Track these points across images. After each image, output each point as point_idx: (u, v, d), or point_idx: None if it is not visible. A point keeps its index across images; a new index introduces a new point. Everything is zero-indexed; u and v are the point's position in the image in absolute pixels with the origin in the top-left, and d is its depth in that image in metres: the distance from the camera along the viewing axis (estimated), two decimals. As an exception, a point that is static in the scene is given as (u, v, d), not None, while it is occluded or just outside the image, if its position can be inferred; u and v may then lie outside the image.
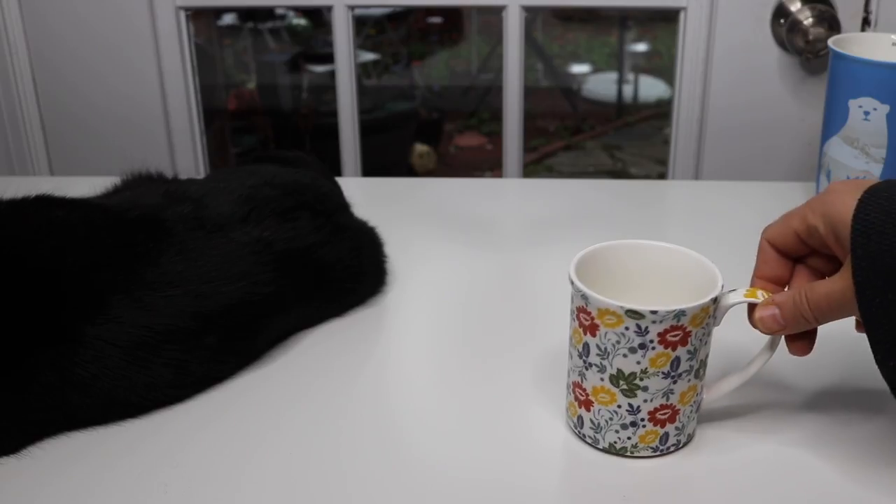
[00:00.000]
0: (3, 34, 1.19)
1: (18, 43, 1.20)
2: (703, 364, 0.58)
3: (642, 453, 0.59)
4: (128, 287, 0.62)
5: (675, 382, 0.57)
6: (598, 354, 0.57)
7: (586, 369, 0.58)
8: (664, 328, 0.55)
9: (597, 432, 0.59)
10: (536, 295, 0.80)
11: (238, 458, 0.60)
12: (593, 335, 0.57)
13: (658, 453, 0.59)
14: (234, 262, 0.67)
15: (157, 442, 0.61)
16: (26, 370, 0.58)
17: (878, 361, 0.52)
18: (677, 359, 0.56)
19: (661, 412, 0.57)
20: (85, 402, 0.61)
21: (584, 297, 0.56)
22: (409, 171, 2.56)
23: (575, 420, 0.61)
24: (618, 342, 0.56)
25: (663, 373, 0.56)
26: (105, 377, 0.60)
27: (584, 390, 0.59)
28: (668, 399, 0.57)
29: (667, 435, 0.58)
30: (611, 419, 0.58)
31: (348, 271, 0.76)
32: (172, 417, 0.64)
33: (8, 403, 0.59)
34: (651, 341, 0.55)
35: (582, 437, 0.60)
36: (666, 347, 0.55)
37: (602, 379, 0.57)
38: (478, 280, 0.83)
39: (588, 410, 0.59)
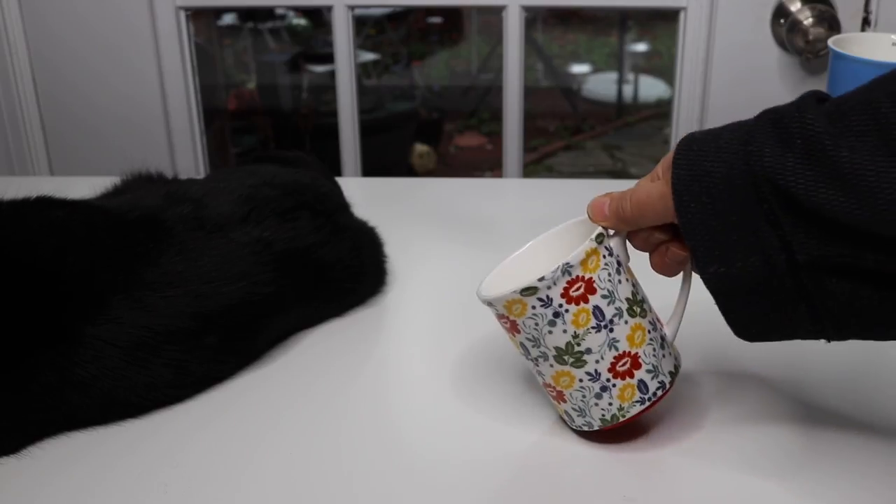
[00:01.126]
0: (3, 34, 1.19)
1: (18, 43, 1.20)
2: (636, 302, 0.57)
3: (633, 410, 0.57)
4: (128, 287, 0.62)
5: (612, 331, 0.56)
6: (533, 346, 0.57)
7: (537, 365, 0.58)
8: (562, 288, 0.54)
9: (584, 416, 0.59)
10: (536, 295, 0.80)
11: (238, 458, 0.60)
12: (519, 332, 0.57)
13: (648, 403, 0.58)
14: (234, 262, 0.67)
15: (157, 442, 0.61)
16: (26, 370, 0.58)
17: (698, 270, 0.52)
18: (597, 308, 0.55)
19: (620, 364, 0.56)
20: (85, 402, 0.61)
21: (489, 303, 0.57)
22: (409, 171, 2.56)
23: (565, 418, 0.60)
24: (537, 324, 0.55)
25: (594, 328, 0.55)
26: (105, 377, 0.60)
27: (550, 385, 0.59)
28: (617, 349, 0.56)
29: (643, 383, 0.57)
30: (584, 396, 0.58)
31: (348, 271, 0.76)
32: (172, 417, 0.64)
33: (8, 403, 0.59)
34: (560, 306, 0.55)
35: (580, 430, 0.60)
36: (578, 303, 0.55)
37: (551, 365, 0.57)
38: (478, 280, 0.83)
39: (564, 401, 0.59)
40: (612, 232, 0.57)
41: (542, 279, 0.54)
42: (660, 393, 0.58)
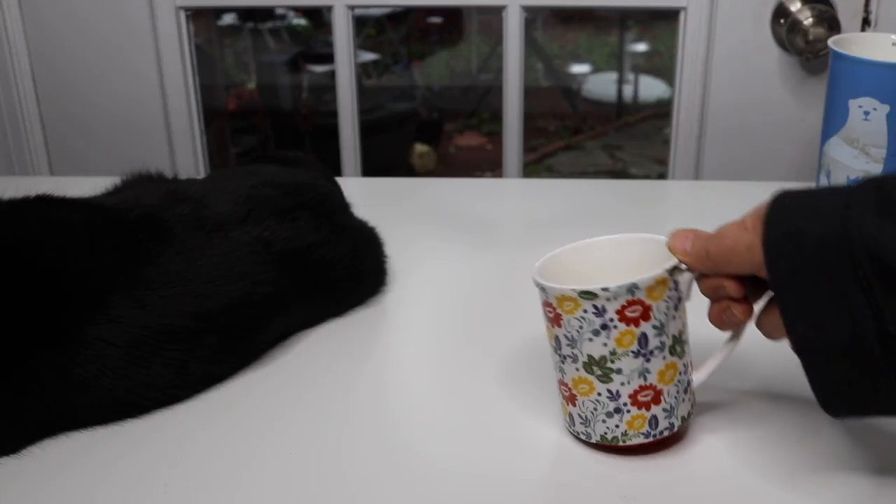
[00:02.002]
0: (3, 34, 1.19)
1: (18, 43, 1.20)
2: (679, 341, 0.58)
3: (634, 440, 0.58)
4: (128, 287, 0.62)
5: (648, 361, 0.56)
6: (567, 344, 0.57)
7: (563, 363, 0.58)
8: (621, 304, 0.54)
9: (586, 426, 0.59)
10: (536, 295, 0.80)
11: (238, 458, 0.60)
12: (559, 326, 0.57)
13: (651, 438, 0.58)
14: (234, 261, 0.67)
15: (157, 442, 0.61)
16: (26, 370, 0.58)
17: (786, 327, 0.52)
18: (644, 336, 0.55)
19: (643, 394, 0.57)
20: (85, 402, 0.61)
21: (543, 289, 0.57)
22: (409, 171, 2.56)
23: (568, 419, 0.60)
24: (581, 327, 0.55)
25: (633, 352, 0.56)
26: (105, 377, 0.60)
27: (567, 385, 0.59)
28: (645, 379, 0.56)
29: (655, 419, 0.57)
30: (595, 409, 0.58)
31: (348, 271, 0.76)
32: (172, 417, 0.64)
33: (8, 404, 0.59)
34: (611, 320, 0.55)
35: (576, 435, 0.60)
36: (628, 324, 0.55)
37: (577, 369, 0.57)
38: (478, 280, 0.83)
39: (574, 405, 0.59)
40: (684, 267, 0.57)
41: (605, 289, 0.54)
42: (666, 434, 0.58)
